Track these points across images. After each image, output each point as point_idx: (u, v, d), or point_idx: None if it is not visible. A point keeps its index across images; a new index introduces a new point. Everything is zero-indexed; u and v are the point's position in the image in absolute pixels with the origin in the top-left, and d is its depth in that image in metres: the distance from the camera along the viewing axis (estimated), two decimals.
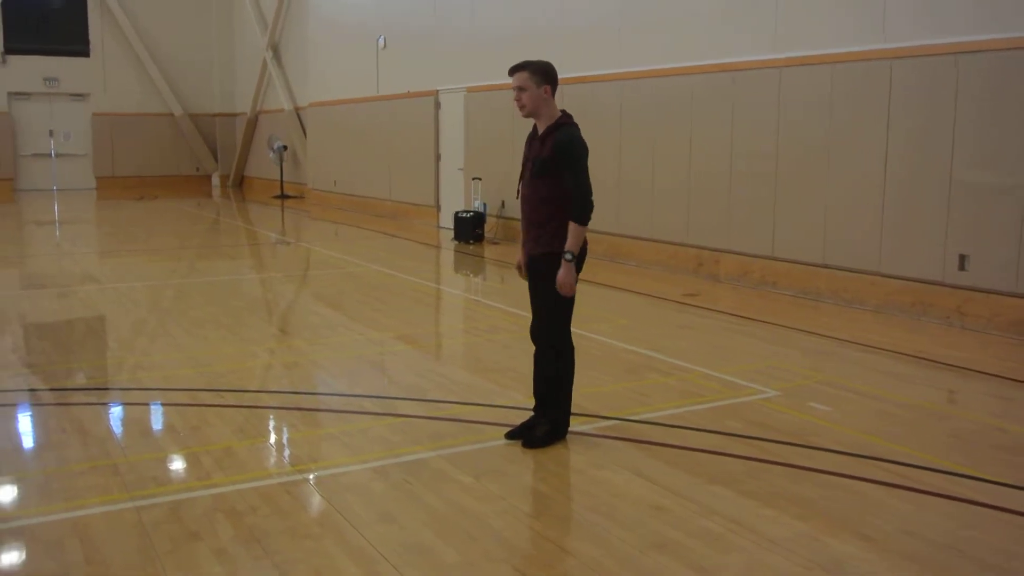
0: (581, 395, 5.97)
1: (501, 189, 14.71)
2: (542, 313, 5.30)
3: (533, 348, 5.43)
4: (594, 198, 5.12)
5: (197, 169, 28.19)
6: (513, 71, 5.21)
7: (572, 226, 5.05)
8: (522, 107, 5.19)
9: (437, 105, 16.97)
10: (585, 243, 5.18)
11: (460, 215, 15.16)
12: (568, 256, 5.04)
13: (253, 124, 26.90)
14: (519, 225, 5.46)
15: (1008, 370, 7.05)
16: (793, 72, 9.91)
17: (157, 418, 6.00)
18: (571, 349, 5.35)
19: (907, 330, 8.43)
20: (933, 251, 8.65)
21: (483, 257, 13.73)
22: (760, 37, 10.32)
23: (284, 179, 24.29)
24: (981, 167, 8.24)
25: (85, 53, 26.55)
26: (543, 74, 5.15)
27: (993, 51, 8.08)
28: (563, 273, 5.06)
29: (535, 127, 5.28)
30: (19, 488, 4.78)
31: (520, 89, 5.15)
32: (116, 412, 6.13)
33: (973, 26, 8.27)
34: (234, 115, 28.19)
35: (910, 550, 4.01)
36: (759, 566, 3.86)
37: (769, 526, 4.23)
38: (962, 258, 8.42)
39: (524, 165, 5.32)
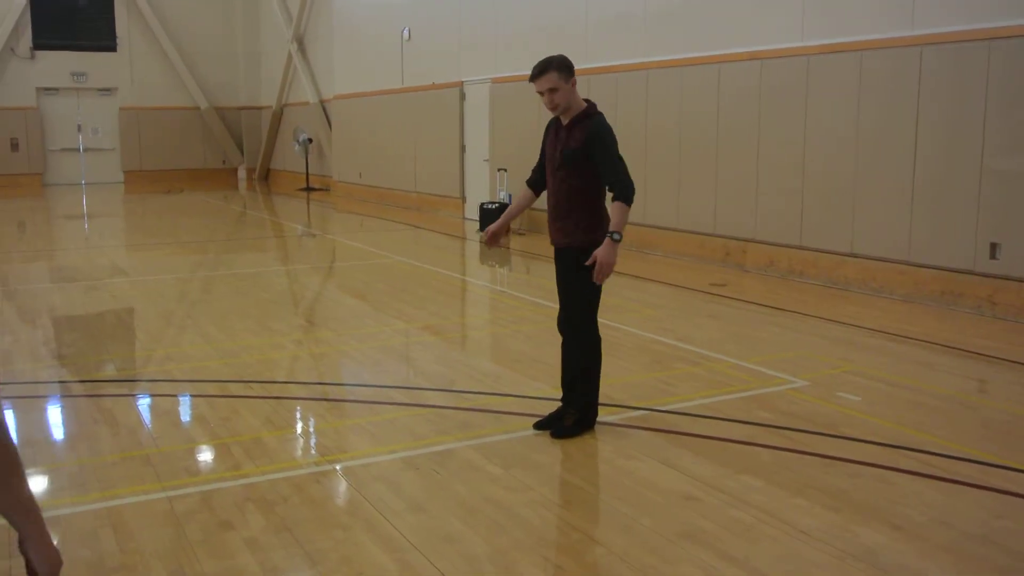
0: (609, 385, 5.97)
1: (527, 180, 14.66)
2: (569, 304, 5.28)
3: (560, 339, 5.42)
4: None
5: (223, 162, 28.35)
6: (538, 75, 5.08)
7: (619, 207, 4.97)
8: (555, 107, 5.11)
9: (462, 96, 16.96)
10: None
11: (485, 206, 15.15)
12: (616, 236, 4.93)
13: (279, 117, 27.01)
14: (545, 216, 5.45)
15: None
16: (821, 60, 9.82)
17: (187, 409, 6.05)
18: (598, 339, 5.33)
19: (937, 319, 8.36)
20: (964, 239, 8.56)
21: (509, 248, 13.71)
22: (787, 25, 10.24)
23: (310, 172, 24.38)
24: (1013, 154, 8.14)
25: (112, 48, 26.74)
26: (568, 69, 5.08)
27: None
28: (604, 251, 4.90)
29: (558, 118, 5.25)
30: (53, 479, 4.84)
31: (552, 91, 5.06)
32: (146, 403, 6.18)
33: (1004, 12, 8.16)
34: (260, 108, 28.31)
35: (942, 540, 3.98)
36: (790, 556, 3.84)
37: (800, 516, 4.21)
38: (993, 246, 8.32)
39: (548, 156, 5.30)
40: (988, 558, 3.84)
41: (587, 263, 4.99)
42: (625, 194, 4.99)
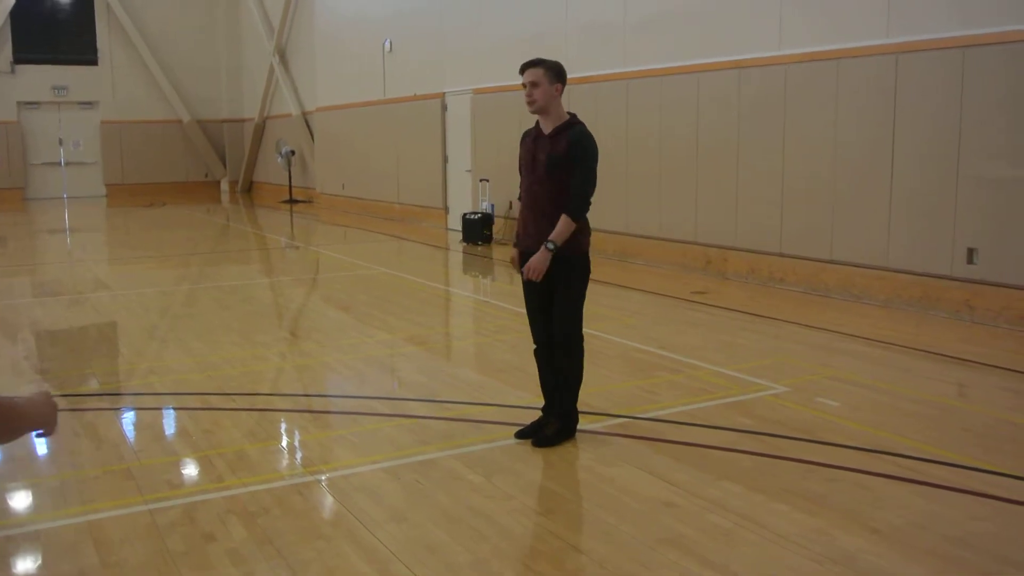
0: (590, 393, 5.99)
1: (509, 190, 14.72)
2: (559, 312, 5.27)
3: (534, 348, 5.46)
4: (603, 199, 5.15)
5: (206, 175, 28.29)
6: (527, 67, 5.22)
7: (564, 219, 5.07)
8: (532, 102, 5.19)
9: (444, 107, 17.00)
10: (587, 251, 5.21)
11: (468, 217, 15.19)
12: (550, 245, 5.06)
13: (261, 129, 26.98)
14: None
15: (1019, 363, 7.04)
16: (799, 68, 9.91)
17: (169, 422, 6.04)
18: (582, 345, 5.36)
19: (915, 324, 8.43)
20: (941, 245, 8.64)
21: (491, 258, 13.76)
22: (765, 34, 10.32)
23: (293, 184, 24.35)
24: (989, 160, 8.23)
25: (93, 61, 26.67)
26: (556, 72, 5.20)
27: (1000, 44, 8.07)
28: (538, 258, 5.10)
29: (537, 126, 5.29)
30: (35, 493, 4.83)
31: (533, 84, 5.16)
32: (129, 417, 6.17)
33: (979, 19, 8.25)
34: (242, 120, 28.27)
35: (922, 544, 4.02)
36: (769, 561, 3.87)
37: (779, 521, 4.24)
38: (970, 251, 8.41)
39: (526, 164, 5.32)
40: (967, 561, 3.88)
41: (521, 268, 5.21)
42: (577, 208, 5.10)
